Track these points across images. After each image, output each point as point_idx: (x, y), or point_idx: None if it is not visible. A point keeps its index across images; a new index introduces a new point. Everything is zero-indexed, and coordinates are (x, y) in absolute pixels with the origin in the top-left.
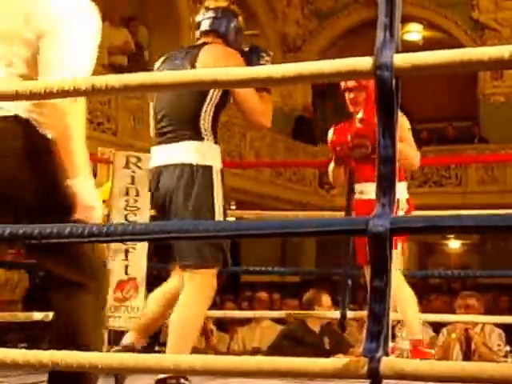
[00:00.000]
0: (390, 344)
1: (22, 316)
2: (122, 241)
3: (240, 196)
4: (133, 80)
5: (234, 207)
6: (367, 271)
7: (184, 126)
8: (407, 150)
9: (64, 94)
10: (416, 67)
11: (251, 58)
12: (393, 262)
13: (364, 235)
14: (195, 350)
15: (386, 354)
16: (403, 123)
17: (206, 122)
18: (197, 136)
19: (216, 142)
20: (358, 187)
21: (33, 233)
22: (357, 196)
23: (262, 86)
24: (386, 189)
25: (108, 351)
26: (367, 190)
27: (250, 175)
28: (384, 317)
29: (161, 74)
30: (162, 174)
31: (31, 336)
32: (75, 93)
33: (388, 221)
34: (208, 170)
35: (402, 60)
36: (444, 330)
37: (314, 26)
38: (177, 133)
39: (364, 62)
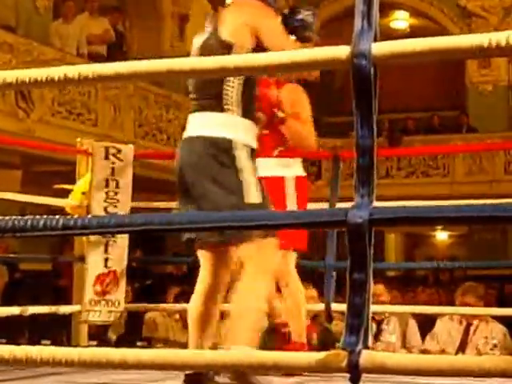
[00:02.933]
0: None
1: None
2: (96, 234)
3: None
4: (108, 70)
5: None
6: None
7: None
8: (301, 129)
9: (37, 84)
10: (394, 55)
11: (290, 21)
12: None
13: (343, 226)
14: (174, 344)
15: (367, 347)
16: (300, 98)
17: None
18: None
19: None
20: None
21: (6, 226)
22: None
23: (235, 75)
24: (364, 179)
25: (87, 346)
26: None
27: None
28: (364, 309)
29: (135, 63)
30: None
31: (10, 331)
32: (48, 83)
33: (367, 212)
34: None
35: (379, 48)
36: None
37: None
38: None
39: (341, 51)
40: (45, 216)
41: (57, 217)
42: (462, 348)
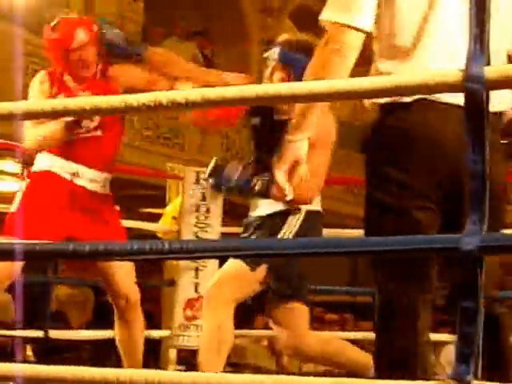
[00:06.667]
0: None
1: (88, 334)
2: (201, 258)
3: None
4: (213, 94)
5: None
6: None
7: None
8: None
9: (145, 108)
10: (508, 79)
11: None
12: None
13: (455, 254)
14: (265, 371)
15: (476, 378)
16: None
17: None
18: None
19: None
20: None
21: (113, 249)
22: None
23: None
24: (476, 205)
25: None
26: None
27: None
28: (475, 339)
29: (244, 87)
30: None
31: (98, 355)
32: (157, 107)
33: (478, 239)
34: None
35: (493, 72)
36: None
37: None
38: None
39: (452, 74)
40: (149, 240)
41: (162, 241)
42: None
